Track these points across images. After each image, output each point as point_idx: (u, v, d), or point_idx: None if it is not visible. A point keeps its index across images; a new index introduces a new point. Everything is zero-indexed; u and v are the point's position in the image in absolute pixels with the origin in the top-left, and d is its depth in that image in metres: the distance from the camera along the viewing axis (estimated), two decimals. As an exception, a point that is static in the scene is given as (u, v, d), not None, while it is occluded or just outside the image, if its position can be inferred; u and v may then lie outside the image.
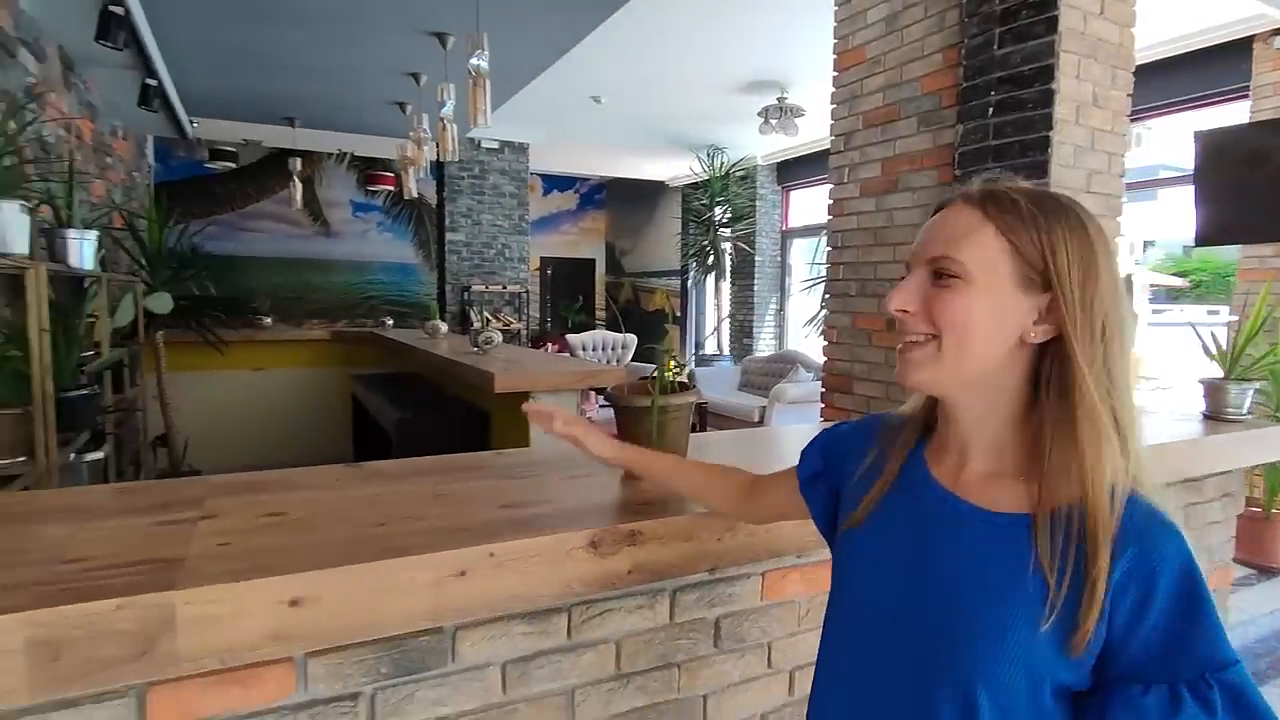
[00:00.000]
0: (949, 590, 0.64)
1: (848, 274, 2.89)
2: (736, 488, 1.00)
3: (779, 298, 8.12)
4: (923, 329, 0.65)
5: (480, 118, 2.85)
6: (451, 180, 6.98)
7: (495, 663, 1.02)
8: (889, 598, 0.68)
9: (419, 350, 3.58)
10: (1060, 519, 0.61)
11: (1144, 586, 0.57)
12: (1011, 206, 0.63)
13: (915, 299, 0.66)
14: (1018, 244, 0.62)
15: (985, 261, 0.63)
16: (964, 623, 0.61)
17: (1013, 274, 0.62)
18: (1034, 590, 0.60)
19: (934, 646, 0.63)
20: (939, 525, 0.67)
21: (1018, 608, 0.60)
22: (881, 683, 0.67)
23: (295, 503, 1.06)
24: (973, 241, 0.63)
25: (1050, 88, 2.06)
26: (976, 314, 0.63)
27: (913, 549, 0.68)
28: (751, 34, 4.33)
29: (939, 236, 0.65)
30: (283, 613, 0.80)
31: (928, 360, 0.65)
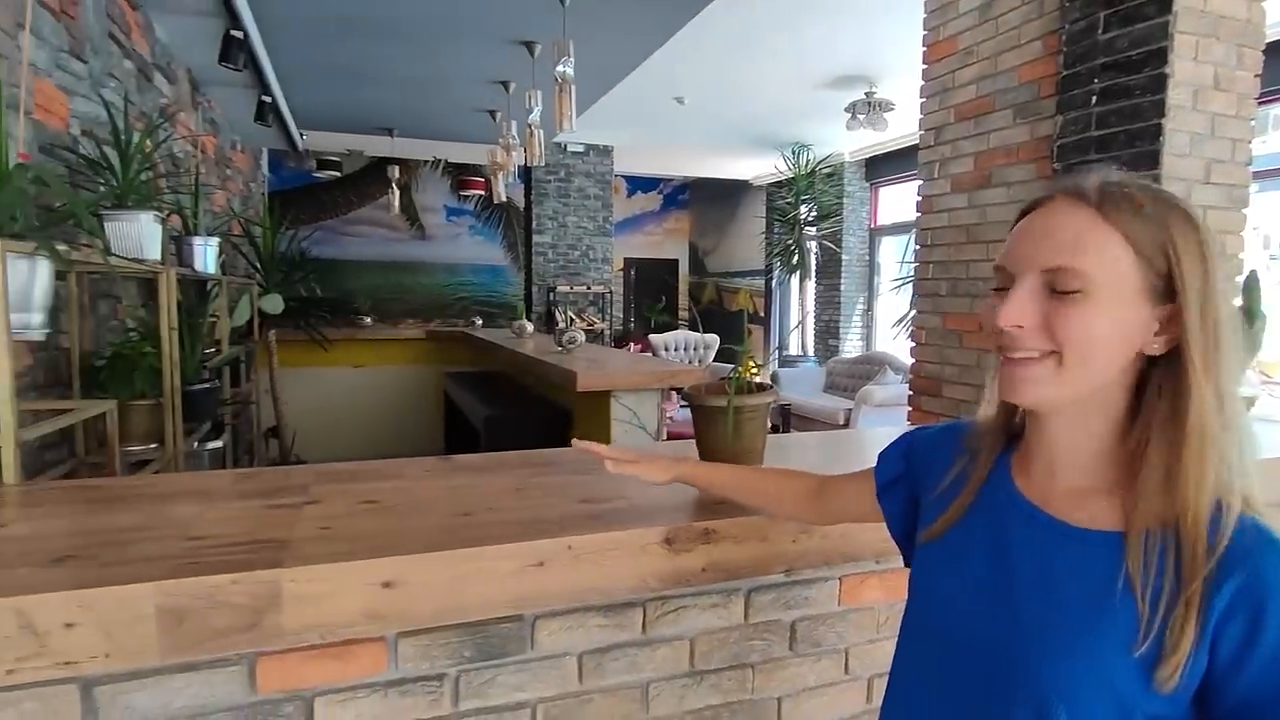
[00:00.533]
0: (1033, 608, 0.61)
1: (938, 273, 2.79)
2: (801, 492, 0.97)
3: (866, 297, 7.90)
4: (1038, 344, 0.59)
5: (565, 123, 2.92)
6: (539, 184, 7.17)
7: (572, 652, 1.05)
8: (971, 613, 0.66)
9: (506, 349, 3.70)
10: (1155, 538, 0.57)
11: (1253, 613, 0.53)
12: (1132, 207, 0.58)
13: (1030, 313, 0.59)
14: (1141, 250, 0.58)
15: (1109, 271, 0.58)
16: (1048, 642, 0.59)
17: (1137, 283, 0.58)
18: (1124, 613, 0.57)
19: (1015, 665, 0.60)
20: (1024, 540, 0.65)
21: (1106, 630, 0.57)
22: (961, 700, 0.65)
23: (389, 491, 1.13)
24: (1094, 248, 0.58)
25: (1162, 72, 1.92)
26: (1100, 329, 0.58)
27: (996, 564, 0.65)
28: (839, 27, 4.24)
29: (1052, 242, 0.59)
30: (376, 594, 0.85)
31: (1046, 378, 0.60)
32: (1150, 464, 0.59)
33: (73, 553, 0.86)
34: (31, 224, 1.29)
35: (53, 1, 2.08)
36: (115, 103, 2.27)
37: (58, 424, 1.44)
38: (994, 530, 0.68)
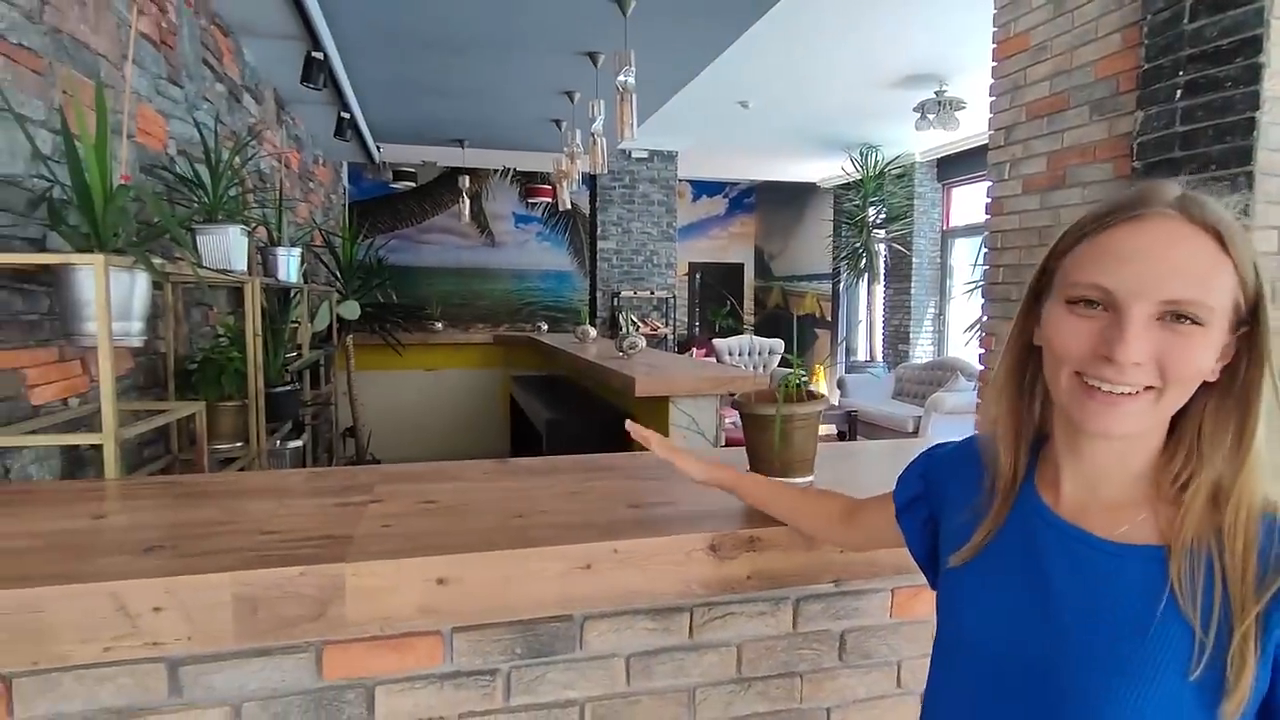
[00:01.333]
0: (1079, 628, 0.59)
1: (1008, 277, 2.69)
2: (834, 515, 0.95)
3: (938, 301, 7.66)
4: (1144, 379, 0.56)
5: (627, 131, 2.97)
6: (603, 190, 7.26)
7: (620, 654, 1.07)
8: (1013, 637, 0.64)
9: (569, 354, 3.77)
10: (1200, 552, 0.56)
11: None
12: (1241, 236, 0.56)
13: (1149, 348, 0.55)
14: (1243, 280, 0.56)
15: (1223, 303, 0.55)
16: (1096, 661, 0.57)
17: (1232, 313, 0.56)
18: (1176, 632, 0.55)
19: (1064, 687, 0.59)
20: (1063, 559, 0.63)
21: (1157, 650, 0.55)
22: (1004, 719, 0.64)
23: (447, 492, 1.18)
24: (1217, 283, 0.55)
25: (1258, 61, 1.81)
26: (1207, 362, 0.56)
27: (1035, 585, 0.63)
28: (907, 24, 4.14)
29: (1179, 274, 0.55)
30: (431, 590, 0.90)
31: (1143, 412, 0.57)
32: (1201, 481, 0.57)
33: (161, 543, 0.94)
34: (131, 239, 1.40)
35: (153, 33, 2.26)
36: (207, 124, 2.45)
37: (153, 424, 1.57)
38: (1028, 550, 0.65)
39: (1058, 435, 0.66)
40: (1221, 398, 0.57)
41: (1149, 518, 0.60)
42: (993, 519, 0.68)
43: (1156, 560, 0.58)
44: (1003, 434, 0.69)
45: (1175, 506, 0.58)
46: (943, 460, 0.81)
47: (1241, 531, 0.54)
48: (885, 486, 0.89)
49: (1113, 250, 0.58)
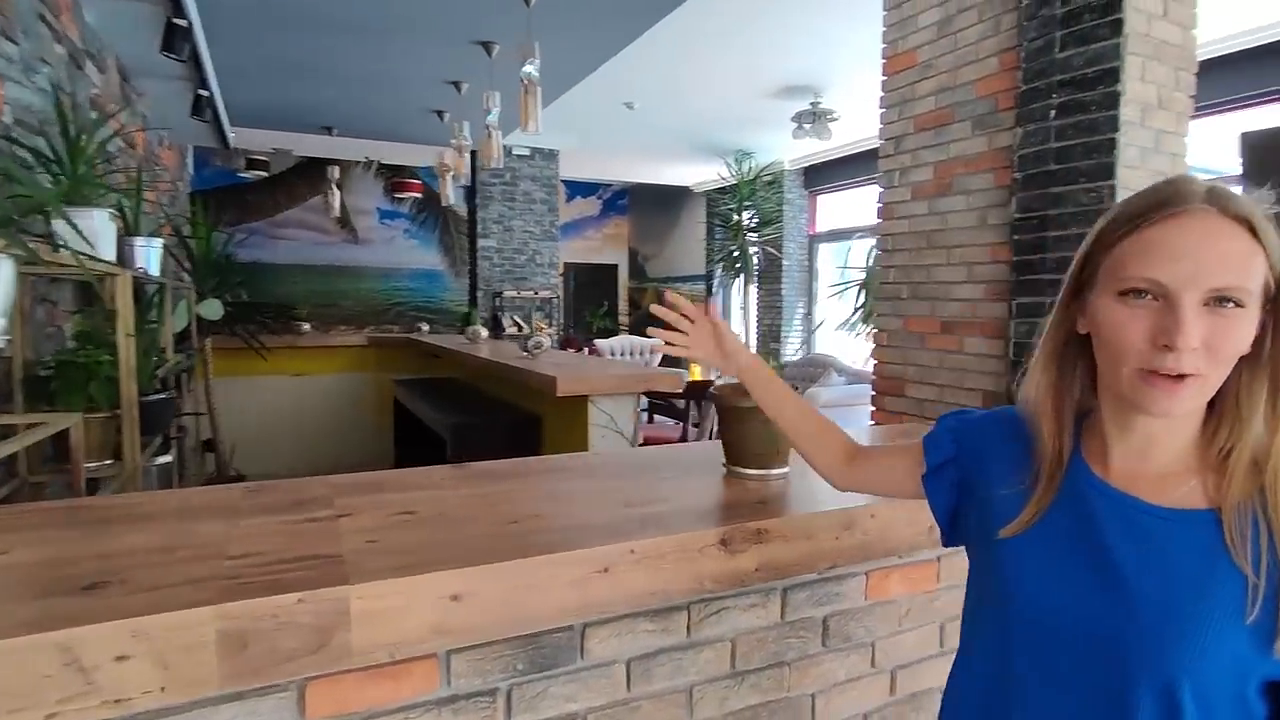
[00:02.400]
0: (1145, 591, 0.64)
1: (899, 277, 2.88)
2: (838, 450, 0.98)
3: (807, 302, 8.12)
4: (1197, 362, 0.61)
5: (532, 124, 2.89)
6: (483, 188, 7.05)
7: (620, 660, 1.03)
8: (1077, 605, 0.67)
9: (467, 355, 3.61)
10: (1247, 511, 0.62)
11: None
12: (1266, 224, 0.62)
13: (1202, 333, 0.61)
14: (1274, 263, 0.62)
15: (1258, 287, 0.62)
16: (1166, 622, 0.62)
17: (1264, 294, 0.62)
18: (1231, 584, 0.60)
19: (1134, 649, 0.63)
20: (1120, 527, 0.67)
21: (1217, 603, 0.60)
22: (1079, 691, 0.67)
23: (420, 501, 1.09)
24: (1254, 269, 0.61)
25: (1115, 90, 2.06)
26: (1246, 341, 0.62)
27: (1094, 554, 0.67)
28: (787, 39, 4.35)
29: (1221, 263, 0.61)
30: (445, 607, 0.82)
31: (1196, 392, 0.62)
32: (1243, 446, 0.63)
33: (102, 578, 0.79)
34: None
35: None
36: (49, 90, 2.10)
37: (25, 441, 1.32)
38: (1082, 520, 0.69)
39: (1105, 412, 0.71)
40: (1253, 368, 0.64)
41: (1198, 484, 0.65)
42: (1044, 492, 0.72)
43: (1209, 523, 0.63)
44: (1049, 413, 0.74)
45: (1220, 473, 0.64)
46: (977, 428, 0.85)
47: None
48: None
49: (1160, 245, 0.63)
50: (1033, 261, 2.30)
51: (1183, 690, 0.60)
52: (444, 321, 8.73)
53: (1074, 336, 0.73)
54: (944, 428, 0.89)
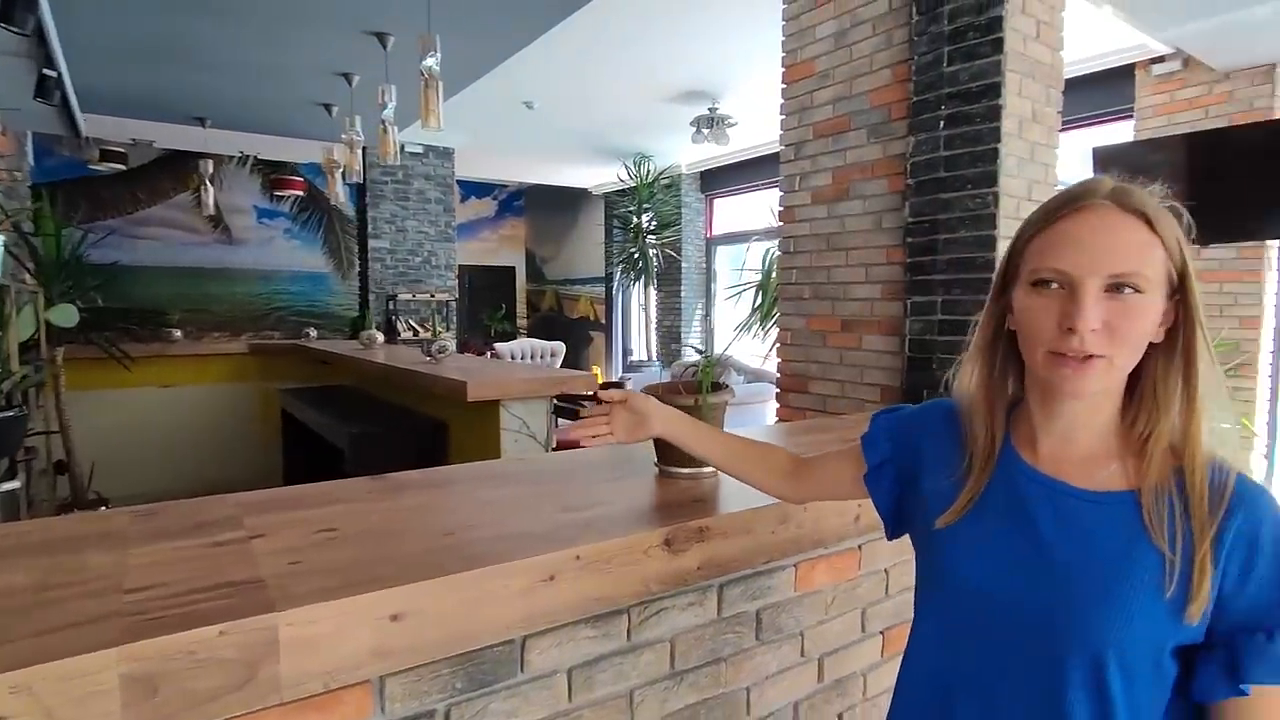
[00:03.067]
0: (1074, 571, 0.68)
1: (800, 278, 2.99)
2: (781, 469, 1.01)
3: (705, 303, 8.29)
4: (1102, 344, 0.66)
5: (434, 120, 2.78)
6: (374, 186, 6.73)
7: (561, 669, 1.00)
8: (1013, 587, 0.71)
9: (362, 361, 3.43)
10: (1164, 493, 0.67)
11: (1250, 546, 0.64)
12: (1165, 218, 0.67)
13: (1100, 316, 0.66)
14: (1170, 252, 0.67)
15: (1156, 273, 0.66)
16: (1093, 598, 0.66)
17: (1165, 282, 0.67)
18: (1150, 561, 0.65)
19: (1066, 625, 0.67)
20: (1050, 511, 0.71)
21: (1138, 579, 0.65)
22: (1015, 668, 0.71)
23: (341, 517, 1.01)
24: (1149, 257, 0.66)
25: (997, 103, 2.22)
26: (1148, 325, 0.67)
27: (1027, 537, 0.71)
28: (686, 45, 4.42)
29: (1116, 251, 0.66)
30: (384, 628, 0.77)
31: (1104, 372, 0.67)
32: (1160, 431, 0.68)
33: (-30, 624, 0.68)
34: None
35: None
36: None
37: None
38: (1014, 505, 0.73)
39: (1031, 400, 0.76)
40: (1168, 357, 0.70)
41: (1119, 468, 0.70)
42: (976, 480, 0.76)
43: (1129, 504, 0.68)
44: (980, 404, 0.78)
45: (1140, 457, 0.70)
46: (910, 424, 0.88)
47: (1197, 470, 0.66)
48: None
49: (1064, 237, 0.69)
50: (925, 263, 2.44)
51: (1109, 660, 0.65)
52: (331, 326, 8.28)
53: (1002, 331, 0.77)
54: (878, 427, 0.92)
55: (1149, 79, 4.25)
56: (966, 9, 2.27)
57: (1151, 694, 0.66)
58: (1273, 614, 0.63)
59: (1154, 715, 0.67)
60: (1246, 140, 3.59)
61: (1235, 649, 0.64)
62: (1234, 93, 3.98)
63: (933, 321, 2.42)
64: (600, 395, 1.07)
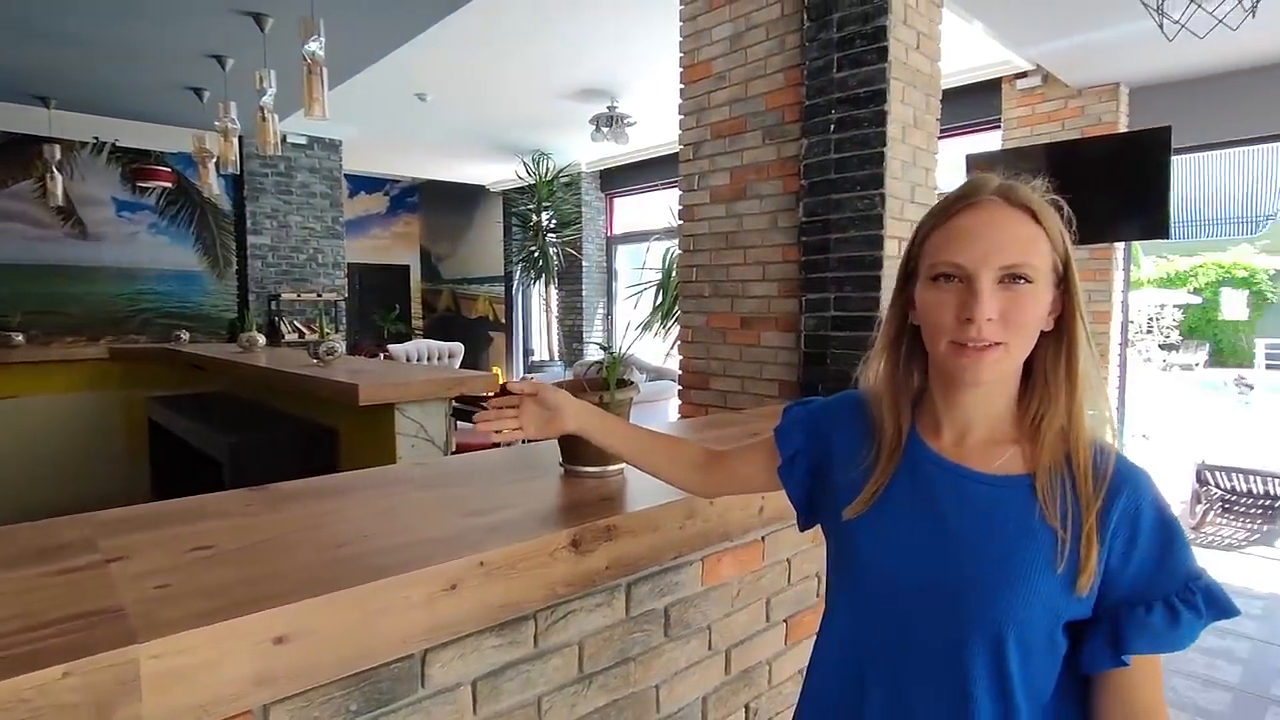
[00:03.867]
0: (972, 551, 0.71)
1: (701, 276, 3.03)
2: (693, 462, 1.00)
3: (606, 302, 8.29)
4: (998, 332, 0.69)
5: (318, 108, 2.62)
6: (252, 178, 6.29)
7: (465, 681, 0.96)
8: (916, 567, 0.74)
9: (244, 366, 3.19)
10: (1056, 475, 0.71)
11: (1133, 525, 0.69)
12: (1048, 212, 0.72)
13: (996, 305, 0.69)
14: (1055, 244, 0.71)
15: (1044, 264, 0.70)
16: (994, 577, 0.69)
17: (1051, 273, 0.71)
18: (1044, 539, 0.69)
19: (965, 601, 0.70)
20: (950, 494, 0.74)
21: (1034, 557, 0.69)
22: (916, 640, 0.74)
23: (219, 533, 0.93)
24: (1036, 248, 0.70)
25: (883, 109, 2.33)
26: (1039, 314, 0.71)
27: (933, 522, 0.74)
28: (585, 42, 4.40)
29: (1005, 245, 0.69)
30: (268, 652, 0.70)
31: (1001, 359, 0.70)
32: (1051, 417, 0.72)
33: None
34: None
35: None
36: None
37: None
38: (920, 492, 0.76)
39: (935, 390, 0.78)
40: (1056, 344, 0.74)
41: (1016, 452, 0.74)
42: (883, 469, 0.78)
43: (1024, 486, 0.72)
44: (887, 395, 0.80)
45: (1034, 441, 0.73)
46: (821, 415, 0.89)
47: (1080, 451, 0.71)
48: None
49: (958, 233, 0.72)
50: (818, 261, 2.53)
51: (1009, 637, 0.68)
52: (205, 329, 7.68)
53: (906, 326, 0.80)
54: (790, 419, 0.93)
55: (1014, 92, 4.61)
56: (854, 18, 2.37)
57: (1045, 668, 0.70)
58: (1152, 589, 0.68)
59: (1046, 688, 0.71)
60: (1095, 151, 3.96)
61: (1118, 622, 0.68)
62: (1085, 108, 4.38)
63: (826, 318, 2.51)
64: (509, 386, 1.01)
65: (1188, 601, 0.67)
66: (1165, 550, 0.68)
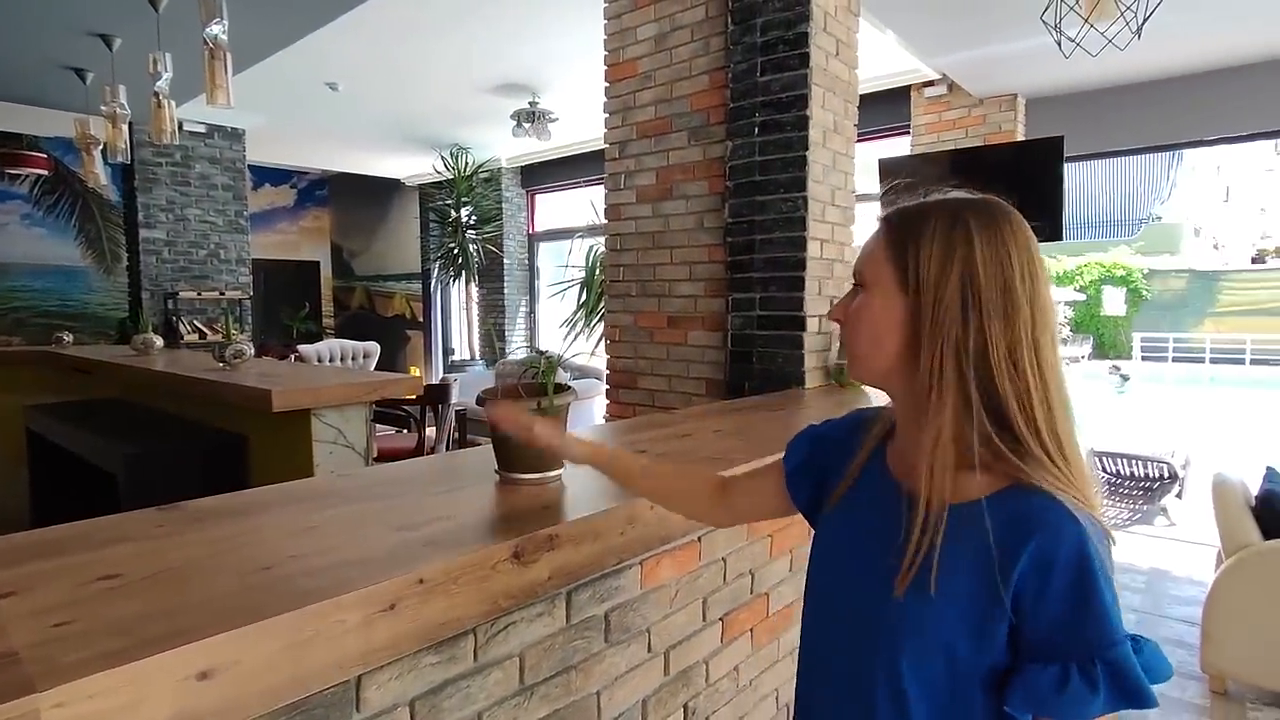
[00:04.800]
0: (868, 556, 0.72)
1: (628, 275, 3.04)
2: (704, 492, 0.99)
3: (529, 300, 8.19)
4: (845, 334, 0.75)
5: (221, 95, 2.45)
6: (145, 168, 5.85)
7: (403, 702, 0.92)
8: (833, 579, 0.76)
9: (138, 370, 2.97)
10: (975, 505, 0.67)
11: (1043, 574, 0.62)
12: (904, 228, 0.71)
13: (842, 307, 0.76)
14: (904, 260, 0.70)
15: (882, 276, 0.71)
16: (885, 601, 0.68)
17: (895, 285, 0.70)
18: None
19: (864, 622, 0.71)
20: (883, 511, 0.73)
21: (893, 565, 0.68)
22: (836, 655, 0.75)
23: (126, 559, 0.85)
24: (874, 259, 0.72)
25: (805, 114, 2.39)
26: (870, 319, 0.72)
27: (863, 535, 0.75)
28: (504, 36, 4.31)
29: (860, 254, 0.75)
30: (190, 690, 0.65)
31: (850, 360, 0.76)
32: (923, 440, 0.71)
33: None
34: None
35: None
36: None
37: None
38: (861, 506, 0.77)
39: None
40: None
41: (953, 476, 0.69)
42: (848, 477, 0.79)
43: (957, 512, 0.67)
44: (877, 414, 0.82)
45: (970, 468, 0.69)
46: (827, 431, 0.90)
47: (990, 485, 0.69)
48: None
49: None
50: (744, 261, 2.58)
51: (902, 667, 0.68)
52: (91, 330, 7.12)
53: None
54: (802, 435, 0.92)
55: (922, 100, 4.83)
56: (777, 23, 2.42)
57: (951, 709, 0.67)
58: (1052, 646, 0.63)
59: None
60: (995, 157, 4.20)
61: (1011, 675, 0.65)
62: (987, 116, 4.64)
63: (753, 317, 2.56)
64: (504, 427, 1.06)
65: (1085, 672, 0.61)
66: (1078, 609, 0.62)
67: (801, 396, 2.31)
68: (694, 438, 1.62)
